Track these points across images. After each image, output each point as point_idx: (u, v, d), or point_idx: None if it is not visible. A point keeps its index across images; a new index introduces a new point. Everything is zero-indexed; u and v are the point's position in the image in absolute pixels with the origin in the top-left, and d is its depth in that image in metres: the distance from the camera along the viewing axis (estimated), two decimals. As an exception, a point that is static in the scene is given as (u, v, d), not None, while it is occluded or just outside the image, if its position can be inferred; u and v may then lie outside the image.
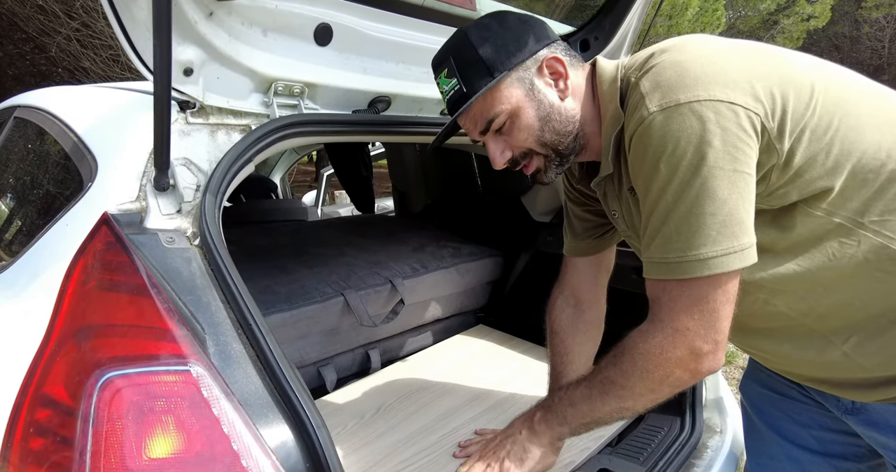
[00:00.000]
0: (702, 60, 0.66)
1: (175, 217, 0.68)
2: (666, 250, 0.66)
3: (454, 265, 1.62)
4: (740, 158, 0.63)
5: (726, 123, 0.62)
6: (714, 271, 0.64)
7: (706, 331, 0.66)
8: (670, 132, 0.64)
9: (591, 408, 0.77)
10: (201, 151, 0.74)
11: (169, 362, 0.49)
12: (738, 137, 0.63)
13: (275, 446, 0.52)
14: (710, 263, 0.64)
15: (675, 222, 0.65)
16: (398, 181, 2.14)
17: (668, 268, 0.67)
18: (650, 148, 0.66)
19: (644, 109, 0.66)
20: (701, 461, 0.96)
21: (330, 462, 0.54)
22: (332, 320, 1.28)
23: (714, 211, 0.63)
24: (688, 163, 0.63)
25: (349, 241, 1.69)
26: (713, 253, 0.64)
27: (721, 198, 0.63)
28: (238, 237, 1.61)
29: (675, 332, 0.67)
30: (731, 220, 0.63)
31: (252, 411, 0.54)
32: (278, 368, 0.58)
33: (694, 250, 0.64)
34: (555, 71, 0.77)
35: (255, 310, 0.62)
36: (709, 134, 0.62)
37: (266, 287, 1.25)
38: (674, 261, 0.66)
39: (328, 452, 0.54)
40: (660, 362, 0.69)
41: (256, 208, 2.16)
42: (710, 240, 0.63)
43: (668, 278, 0.67)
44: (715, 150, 0.62)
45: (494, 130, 0.78)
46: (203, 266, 0.64)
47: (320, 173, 3.05)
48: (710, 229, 0.63)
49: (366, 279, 1.40)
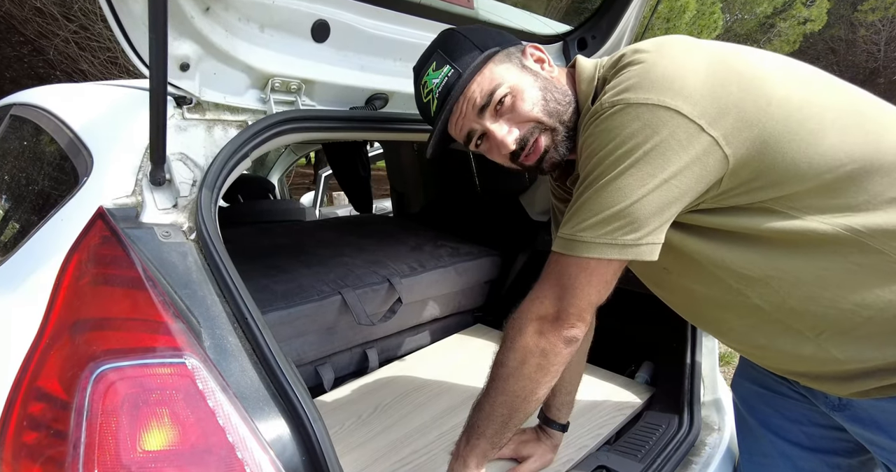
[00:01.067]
0: (666, 66, 0.67)
1: (171, 212, 0.68)
2: (566, 227, 0.69)
3: (452, 265, 1.62)
4: (666, 166, 0.64)
5: (664, 129, 0.63)
6: (585, 253, 0.66)
7: (559, 301, 0.69)
8: (612, 127, 0.65)
9: (489, 405, 0.76)
10: (198, 146, 0.74)
11: (164, 355, 0.49)
12: (671, 146, 0.63)
13: (271, 439, 0.52)
14: (584, 245, 0.66)
15: (580, 203, 0.68)
16: (396, 182, 2.14)
17: (558, 243, 0.70)
18: (592, 137, 0.68)
19: (599, 104, 0.68)
20: (699, 459, 0.96)
21: (326, 456, 0.54)
22: (330, 319, 1.27)
23: (614, 202, 0.65)
24: (615, 157, 0.65)
25: (347, 241, 1.68)
26: (591, 238, 0.66)
27: (627, 194, 0.64)
28: (236, 237, 1.61)
29: (534, 298, 0.72)
30: (629, 215, 0.64)
31: (248, 404, 0.53)
32: (274, 362, 0.57)
33: (580, 231, 0.67)
34: (538, 58, 0.79)
35: (252, 304, 0.62)
36: (643, 136, 0.63)
37: (264, 286, 1.24)
38: (563, 237, 0.69)
39: (324, 445, 0.54)
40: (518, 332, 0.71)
41: (254, 209, 2.16)
42: (597, 225, 0.65)
43: (554, 250, 0.70)
44: (643, 151, 0.64)
45: (494, 110, 0.76)
46: (199, 261, 0.64)
47: (318, 174, 3.04)
48: (602, 216, 0.65)
49: (363, 278, 1.40)
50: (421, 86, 0.79)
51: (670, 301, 0.89)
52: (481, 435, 0.77)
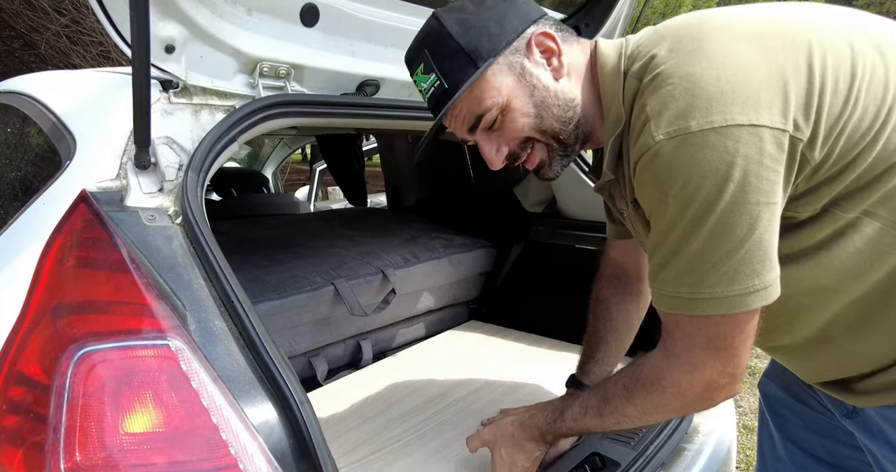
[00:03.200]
0: (717, 71, 0.56)
1: (156, 196, 0.67)
2: (677, 284, 0.60)
3: (446, 256, 1.61)
4: (765, 189, 0.56)
5: (748, 151, 0.54)
6: (731, 310, 0.58)
7: (723, 366, 0.63)
8: (681, 166, 0.56)
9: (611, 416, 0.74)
10: (184, 130, 0.73)
11: (147, 337, 0.48)
12: (763, 165, 0.55)
13: (257, 422, 0.51)
14: (725, 302, 0.58)
15: (686, 259, 0.59)
16: (390, 175, 2.13)
17: (680, 302, 0.61)
18: (657, 179, 0.58)
19: (649, 136, 0.58)
20: (691, 446, 0.96)
21: (314, 439, 0.53)
22: (323, 310, 1.26)
23: (731, 249, 0.56)
24: (702, 199, 0.56)
25: (340, 233, 1.67)
26: (730, 292, 0.58)
27: (739, 235, 0.56)
28: (228, 229, 1.59)
29: (692, 369, 0.64)
30: (752, 257, 0.57)
31: (234, 387, 0.53)
32: (262, 345, 0.57)
33: (708, 288, 0.58)
34: (546, 48, 0.68)
35: (239, 288, 0.61)
36: (727, 167, 0.54)
37: (255, 277, 1.23)
38: (686, 296, 0.60)
39: (312, 429, 0.53)
40: (676, 397, 0.67)
41: (247, 203, 2.15)
42: (727, 279, 0.57)
43: (681, 312, 0.62)
44: (735, 183, 0.55)
45: (485, 128, 0.70)
46: (185, 244, 0.63)
47: (313, 169, 3.03)
48: (727, 268, 0.57)
49: (357, 269, 1.39)
50: (413, 79, 0.73)
51: None
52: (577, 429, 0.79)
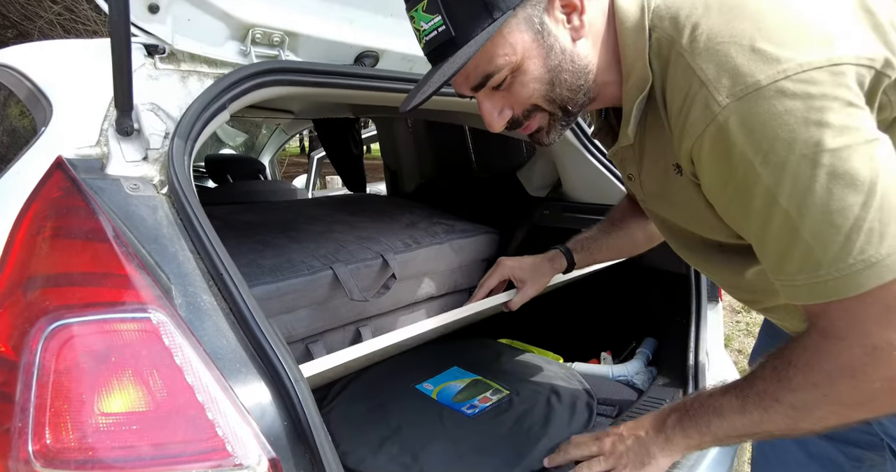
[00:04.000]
0: (774, 14, 0.50)
1: (140, 164, 0.62)
2: (813, 267, 0.50)
3: (448, 241, 1.57)
4: (865, 126, 0.48)
5: (834, 91, 0.47)
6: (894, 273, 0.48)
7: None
8: (760, 126, 0.48)
9: (747, 423, 0.60)
10: (171, 96, 0.68)
11: (126, 309, 0.44)
12: (852, 105, 0.48)
13: (248, 402, 0.47)
14: (885, 264, 0.47)
15: (810, 233, 0.49)
16: (390, 160, 2.08)
17: (827, 287, 0.50)
18: (736, 151, 0.50)
19: (711, 104, 0.50)
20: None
21: (310, 421, 0.49)
22: (321, 294, 1.22)
23: (864, 200, 0.47)
24: (799, 156, 0.47)
25: (338, 218, 1.63)
26: (885, 251, 0.47)
27: (864, 179, 0.47)
28: (223, 213, 1.55)
29: (874, 350, 0.50)
30: (890, 200, 0.47)
31: (223, 365, 0.48)
32: (253, 321, 0.52)
33: (858, 255, 0.48)
34: (568, 2, 0.61)
35: (229, 262, 0.56)
36: (817, 113, 0.47)
37: (251, 261, 1.19)
38: (832, 277, 0.49)
39: (308, 409, 0.49)
40: (855, 385, 0.52)
41: (244, 189, 2.10)
42: (877, 235, 0.47)
43: (835, 298, 0.51)
44: (832, 128, 0.47)
45: (491, 87, 0.63)
46: (171, 215, 0.59)
47: (311, 157, 2.98)
48: (870, 222, 0.47)
49: (356, 254, 1.34)
50: (409, 15, 0.64)
51: None
52: (707, 435, 0.63)
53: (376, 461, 0.94)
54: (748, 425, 0.60)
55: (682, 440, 0.66)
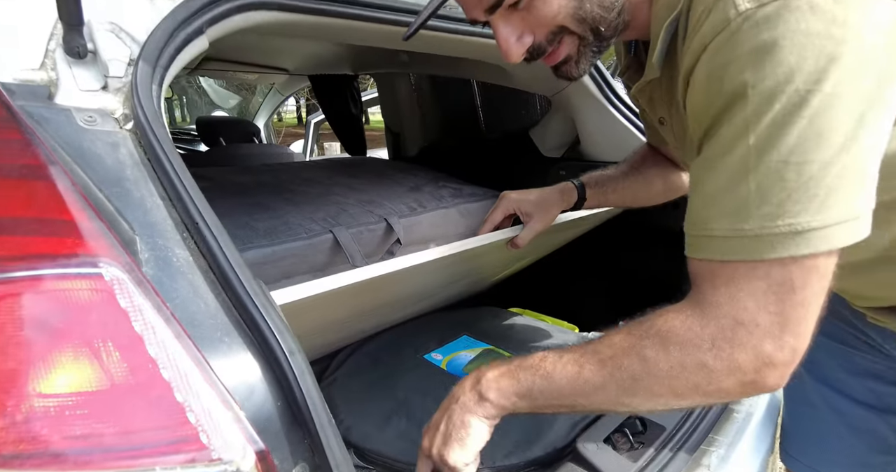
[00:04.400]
0: None
1: (99, 94, 0.51)
2: (742, 216, 0.45)
3: (455, 206, 1.46)
4: (882, 78, 0.42)
5: (873, 18, 0.41)
6: (816, 248, 0.43)
7: (782, 332, 0.45)
8: (772, 40, 0.42)
9: (574, 390, 0.54)
10: (135, 15, 0.57)
11: (71, 263, 0.34)
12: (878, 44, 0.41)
13: (231, 378, 0.38)
14: (810, 236, 0.43)
15: (759, 177, 0.43)
16: (391, 121, 1.96)
17: (740, 244, 0.45)
18: (734, 65, 0.44)
19: (729, 8, 0.44)
20: (741, 408, 0.85)
21: (308, 397, 0.40)
22: (321, 260, 1.13)
23: (827, 161, 0.42)
24: (793, 89, 0.41)
25: (337, 181, 1.52)
26: (818, 223, 0.42)
27: (838, 141, 0.41)
28: (213, 174, 1.44)
29: (737, 325, 0.46)
30: (851, 173, 0.42)
31: (199, 333, 0.39)
32: (237, 280, 0.43)
33: (789, 217, 0.43)
34: None
35: (208, 210, 0.46)
36: (836, 43, 0.40)
37: (244, 223, 1.09)
38: (753, 233, 0.44)
39: (305, 386, 0.40)
40: (704, 363, 0.47)
41: (237, 152, 1.98)
42: (817, 203, 0.42)
43: (741, 258, 0.46)
44: (842, 67, 0.41)
45: (508, 5, 0.56)
46: (137, 154, 0.48)
47: (308, 120, 2.84)
48: (817, 187, 0.42)
49: (357, 217, 1.25)
50: None
51: None
52: (528, 399, 0.57)
53: (383, 436, 0.87)
54: (574, 394, 0.54)
55: (496, 398, 0.58)
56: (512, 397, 0.58)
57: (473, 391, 0.60)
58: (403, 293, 1.05)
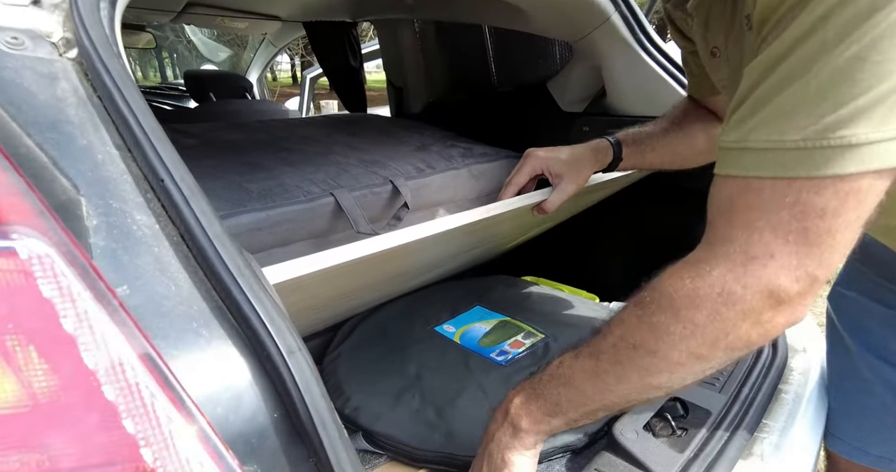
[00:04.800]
0: None
1: (28, 10, 0.40)
2: (784, 126, 0.39)
3: (465, 166, 1.35)
4: None
5: None
6: (866, 166, 0.37)
7: (800, 263, 0.40)
8: None
9: (597, 388, 0.49)
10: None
11: (-27, 233, 0.24)
12: None
13: (212, 384, 0.29)
14: (863, 152, 0.37)
15: (824, 76, 0.37)
16: (394, 74, 1.81)
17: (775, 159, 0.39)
18: None
19: None
20: (789, 387, 0.77)
21: (312, 405, 0.31)
22: (321, 226, 1.03)
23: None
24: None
25: (337, 139, 1.40)
26: (878, 136, 0.36)
27: None
28: (201, 131, 1.32)
29: (749, 261, 0.41)
30: None
31: (169, 326, 0.30)
32: (216, 255, 0.33)
33: (845, 128, 0.37)
34: None
35: (178, 163, 0.36)
36: None
37: (235, 184, 0.98)
38: (793, 146, 0.38)
39: (309, 391, 0.31)
40: (716, 312, 0.42)
41: (227, 109, 1.84)
42: (883, 110, 0.36)
43: (771, 175, 0.40)
44: None
45: None
46: (83, 91, 0.37)
47: (303, 76, 2.66)
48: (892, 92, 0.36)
49: (360, 179, 1.14)
50: None
51: None
52: (560, 414, 0.52)
53: (394, 417, 0.80)
54: (600, 393, 0.49)
55: (530, 425, 0.53)
56: (544, 419, 0.53)
57: (507, 425, 0.55)
58: (412, 264, 0.95)
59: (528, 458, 0.54)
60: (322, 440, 0.30)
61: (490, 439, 0.57)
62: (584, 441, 0.71)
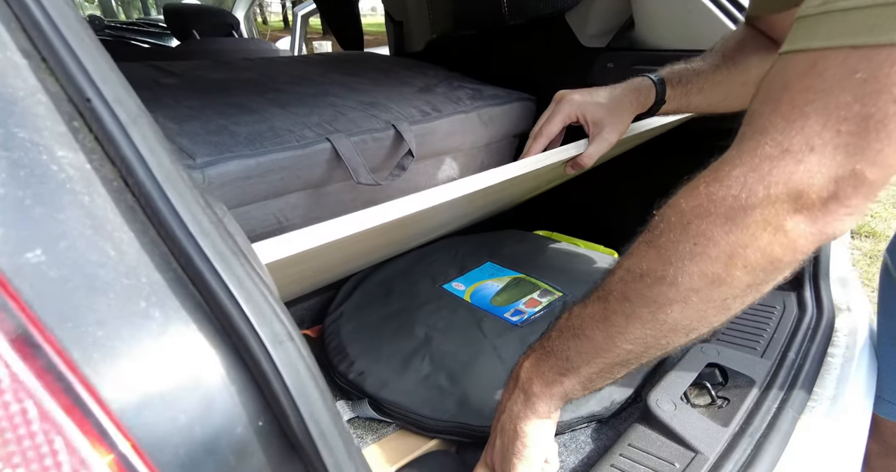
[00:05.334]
0: None
1: None
2: None
3: (475, 109, 1.23)
4: None
5: None
6: None
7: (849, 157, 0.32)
8: None
9: (608, 334, 0.42)
10: None
11: None
12: None
13: (170, 380, 0.21)
14: None
15: None
16: (393, 7, 1.64)
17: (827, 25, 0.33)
18: None
19: None
20: (836, 350, 0.70)
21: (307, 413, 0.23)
22: (317, 175, 0.93)
23: None
24: None
25: (333, 79, 1.27)
26: None
27: None
28: (182, 69, 1.19)
29: (781, 154, 0.33)
30: None
31: (107, 304, 0.21)
32: (167, 203, 0.24)
33: None
34: None
35: (114, 76, 0.26)
36: None
37: (220, 127, 0.88)
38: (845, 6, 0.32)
39: (304, 395, 0.22)
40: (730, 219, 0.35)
41: (212, 48, 1.68)
42: None
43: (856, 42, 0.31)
44: None
45: None
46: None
47: (294, 13, 2.44)
48: None
49: (359, 123, 1.02)
50: None
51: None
52: (572, 371, 0.45)
53: (403, 383, 0.74)
54: (611, 340, 0.42)
55: (541, 389, 0.47)
56: (556, 379, 0.46)
57: (518, 392, 0.49)
58: (420, 227, 0.86)
59: (543, 428, 0.48)
60: (322, 456, 0.22)
61: (502, 410, 0.51)
62: (612, 410, 0.65)
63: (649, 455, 0.52)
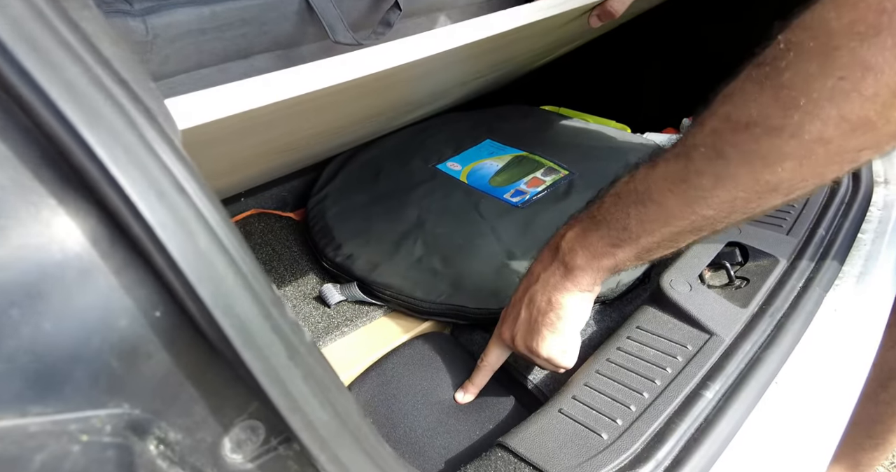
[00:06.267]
0: None
1: None
2: None
3: (473, -47, 1.02)
4: None
5: None
6: None
7: None
8: None
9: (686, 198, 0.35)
10: None
11: None
12: None
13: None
14: None
15: None
16: None
17: None
18: None
19: None
20: (868, 226, 0.64)
21: (208, 298, 0.15)
22: (286, 31, 0.78)
23: None
24: None
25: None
26: None
27: None
28: None
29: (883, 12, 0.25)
30: None
31: None
32: None
33: None
34: None
35: None
36: None
37: (160, -29, 0.71)
38: None
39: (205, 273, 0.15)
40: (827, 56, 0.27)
41: None
42: None
43: None
44: None
45: None
46: None
47: None
48: None
49: (334, -33, 0.84)
50: None
51: None
52: (629, 242, 0.39)
53: (393, 266, 0.69)
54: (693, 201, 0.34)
55: (587, 261, 0.41)
56: (607, 251, 0.40)
57: (557, 264, 0.43)
58: (408, 94, 0.74)
59: (584, 301, 0.44)
60: (244, 359, 0.15)
61: (533, 280, 0.45)
62: (617, 292, 0.61)
63: (660, 338, 0.49)
